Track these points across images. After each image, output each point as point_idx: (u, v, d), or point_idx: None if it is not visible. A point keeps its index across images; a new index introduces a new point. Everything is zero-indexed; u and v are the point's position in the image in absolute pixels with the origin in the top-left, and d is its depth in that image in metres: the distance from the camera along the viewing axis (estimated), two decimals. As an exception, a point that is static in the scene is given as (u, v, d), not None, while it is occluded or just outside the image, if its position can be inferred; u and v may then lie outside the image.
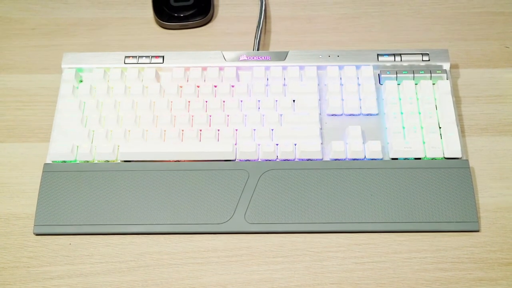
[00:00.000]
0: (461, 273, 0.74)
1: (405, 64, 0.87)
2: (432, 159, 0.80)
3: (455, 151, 0.80)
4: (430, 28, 0.96)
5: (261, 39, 0.94)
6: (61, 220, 0.77)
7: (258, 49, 0.92)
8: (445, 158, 0.80)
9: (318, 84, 0.86)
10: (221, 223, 0.76)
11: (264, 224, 0.76)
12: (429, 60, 0.87)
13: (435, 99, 0.84)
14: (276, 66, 0.87)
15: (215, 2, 0.99)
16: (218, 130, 0.82)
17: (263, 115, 0.83)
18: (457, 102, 0.87)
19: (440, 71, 0.86)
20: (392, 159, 0.81)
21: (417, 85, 0.85)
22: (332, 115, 0.84)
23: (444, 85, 0.84)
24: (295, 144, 0.81)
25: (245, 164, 0.80)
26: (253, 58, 0.88)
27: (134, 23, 0.97)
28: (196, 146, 0.81)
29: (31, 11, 0.98)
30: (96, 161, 0.81)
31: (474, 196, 0.77)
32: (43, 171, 0.80)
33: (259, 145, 0.81)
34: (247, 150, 0.80)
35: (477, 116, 0.86)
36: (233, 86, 0.86)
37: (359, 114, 0.84)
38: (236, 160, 0.81)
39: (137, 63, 0.87)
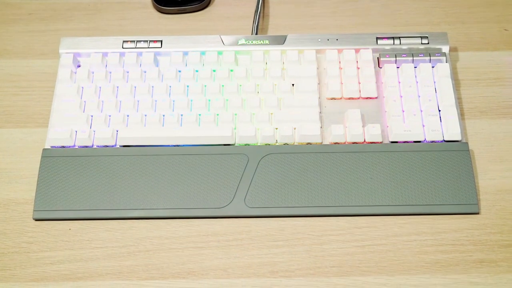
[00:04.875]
0: (461, 255, 0.74)
1: (404, 47, 0.87)
2: (432, 142, 0.80)
3: (454, 134, 0.79)
4: (430, 11, 0.95)
5: (260, 23, 0.93)
6: (60, 205, 0.77)
7: (256, 33, 0.91)
8: (444, 141, 0.80)
9: (317, 68, 0.86)
10: (221, 208, 0.76)
11: (264, 208, 0.76)
12: (428, 43, 0.86)
13: (435, 82, 0.84)
14: (275, 50, 0.86)
15: (213, -14, 0.99)
16: (217, 114, 0.82)
17: (262, 99, 0.83)
18: (457, 85, 0.86)
19: (439, 54, 0.85)
20: (392, 142, 0.80)
21: (416, 68, 0.85)
22: (332, 98, 0.84)
23: (444, 68, 0.84)
24: (295, 128, 0.81)
25: (244, 148, 0.80)
26: (251, 42, 0.87)
27: (132, 7, 0.97)
28: (195, 130, 0.81)
29: (28, -4, 0.98)
30: (95, 146, 0.81)
31: (473, 178, 0.77)
32: (42, 157, 0.79)
33: (258, 129, 0.81)
34: (246, 134, 0.80)
35: (477, 99, 0.85)
36: (231, 71, 0.86)
37: (358, 98, 0.84)
38: (236, 145, 0.81)
39: (135, 48, 0.87)
